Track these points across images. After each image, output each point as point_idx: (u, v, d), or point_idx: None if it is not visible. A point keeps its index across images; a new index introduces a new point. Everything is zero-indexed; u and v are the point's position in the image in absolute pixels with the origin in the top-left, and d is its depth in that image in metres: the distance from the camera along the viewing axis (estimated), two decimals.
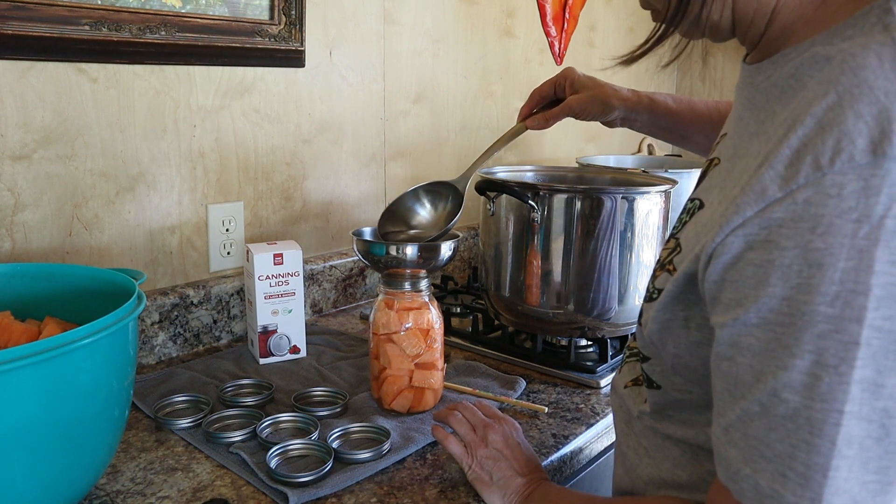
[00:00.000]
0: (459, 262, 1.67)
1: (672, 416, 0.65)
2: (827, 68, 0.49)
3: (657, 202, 1.11)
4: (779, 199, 0.47)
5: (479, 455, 0.80)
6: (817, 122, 0.46)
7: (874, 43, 0.47)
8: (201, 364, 1.11)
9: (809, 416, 0.46)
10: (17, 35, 0.93)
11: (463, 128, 1.67)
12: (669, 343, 0.60)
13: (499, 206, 1.15)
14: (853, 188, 0.44)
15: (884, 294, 0.44)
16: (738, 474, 0.49)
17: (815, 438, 0.46)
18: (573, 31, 1.95)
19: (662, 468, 0.65)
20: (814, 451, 0.46)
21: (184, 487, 0.79)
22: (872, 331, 0.44)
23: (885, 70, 0.46)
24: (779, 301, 0.46)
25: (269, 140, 1.26)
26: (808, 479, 0.46)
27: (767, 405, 0.47)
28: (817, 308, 0.45)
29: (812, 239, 0.45)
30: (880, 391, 0.44)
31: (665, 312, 0.59)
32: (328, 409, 0.95)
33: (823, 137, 0.46)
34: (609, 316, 1.11)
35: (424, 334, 0.96)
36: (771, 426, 0.47)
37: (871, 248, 0.44)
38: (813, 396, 0.45)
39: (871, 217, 0.44)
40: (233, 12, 1.15)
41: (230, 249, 1.23)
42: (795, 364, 0.46)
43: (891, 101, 0.45)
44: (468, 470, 0.80)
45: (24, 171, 0.98)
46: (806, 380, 0.45)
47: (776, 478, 0.47)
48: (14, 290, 0.83)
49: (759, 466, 0.48)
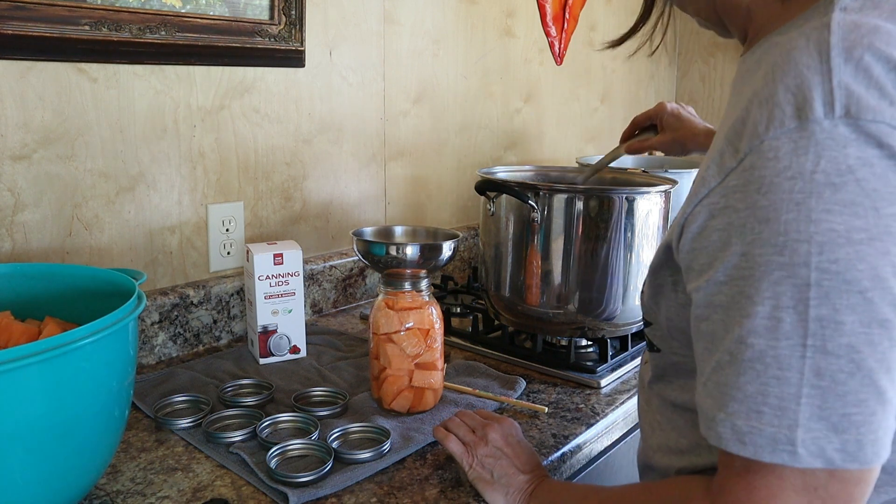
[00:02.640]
0: (459, 262, 1.67)
1: (672, 381, 0.69)
2: (775, 51, 0.55)
3: (657, 202, 1.11)
4: (734, 168, 0.53)
5: (479, 454, 0.81)
6: (756, 96, 0.53)
7: (808, 28, 0.54)
8: (201, 364, 1.11)
9: (776, 355, 0.50)
10: (17, 35, 0.93)
11: (463, 128, 1.67)
12: (662, 306, 0.65)
13: (499, 206, 1.15)
14: (786, 150, 0.50)
15: (825, 240, 0.49)
16: (714, 420, 0.53)
17: (783, 373, 0.50)
18: (573, 31, 1.95)
19: (669, 437, 0.70)
20: (784, 383, 0.50)
21: (184, 487, 0.79)
22: (820, 273, 0.49)
23: (809, 48, 0.52)
24: (738, 257, 0.52)
25: (269, 140, 1.26)
26: (783, 409, 0.50)
27: (735, 352, 0.52)
28: (770, 258, 0.50)
29: (758, 198, 0.51)
30: (841, 328, 0.49)
31: (656, 277, 0.65)
32: (328, 409, 0.95)
33: (760, 109, 0.52)
34: (609, 316, 1.11)
35: (424, 334, 0.96)
36: (739, 371, 0.52)
37: (806, 200, 0.49)
38: (777, 336, 0.50)
39: (804, 173, 0.49)
40: (233, 12, 1.15)
41: (230, 249, 1.23)
42: (757, 311, 0.51)
43: (811, 73, 0.51)
44: (469, 469, 0.80)
45: (24, 171, 0.98)
46: (768, 323, 0.50)
47: (751, 415, 0.51)
48: (14, 290, 0.83)
49: (732, 409, 0.52)
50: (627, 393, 1.06)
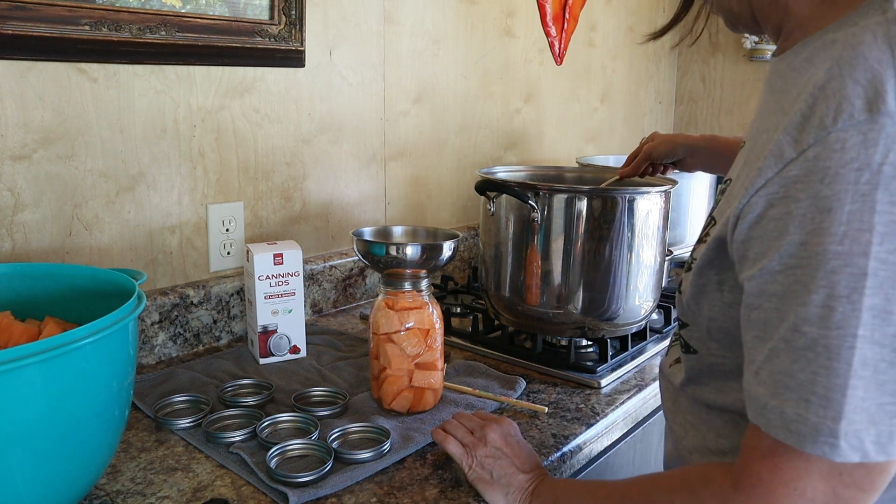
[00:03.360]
0: (459, 262, 1.67)
1: (707, 383, 0.69)
2: (832, 47, 0.56)
3: (657, 202, 1.11)
4: (794, 158, 0.53)
5: (478, 454, 0.80)
6: (821, 90, 0.53)
7: (871, 23, 0.55)
8: (201, 364, 1.11)
9: (826, 344, 0.51)
10: (17, 35, 0.93)
11: (463, 128, 1.67)
12: (705, 306, 0.65)
13: (499, 206, 1.15)
14: (854, 142, 0.51)
15: (887, 231, 0.50)
16: (766, 408, 0.54)
17: (832, 362, 0.50)
18: (573, 31, 1.95)
19: (707, 438, 0.69)
20: (832, 374, 0.50)
21: (184, 487, 0.79)
22: (878, 263, 0.50)
23: (878, 43, 0.54)
24: (796, 246, 0.52)
25: (269, 140, 1.26)
26: (829, 399, 0.51)
27: (789, 339, 0.53)
28: (828, 247, 0.51)
29: (821, 188, 0.51)
30: (890, 318, 0.50)
31: (700, 277, 0.65)
32: (328, 409, 0.95)
33: (827, 102, 0.53)
34: (609, 316, 1.11)
35: (424, 334, 0.96)
36: (793, 358, 0.52)
37: (872, 192, 0.50)
38: (829, 325, 0.51)
39: (871, 165, 0.50)
40: (233, 12, 1.15)
41: (230, 249, 1.23)
42: (812, 299, 0.51)
43: (883, 67, 0.52)
44: (468, 470, 0.80)
45: (24, 171, 0.98)
46: (821, 312, 0.51)
47: (800, 403, 0.52)
48: (14, 290, 0.83)
49: (785, 397, 0.53)
50: (627, 393, 1.06)
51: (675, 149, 1.16)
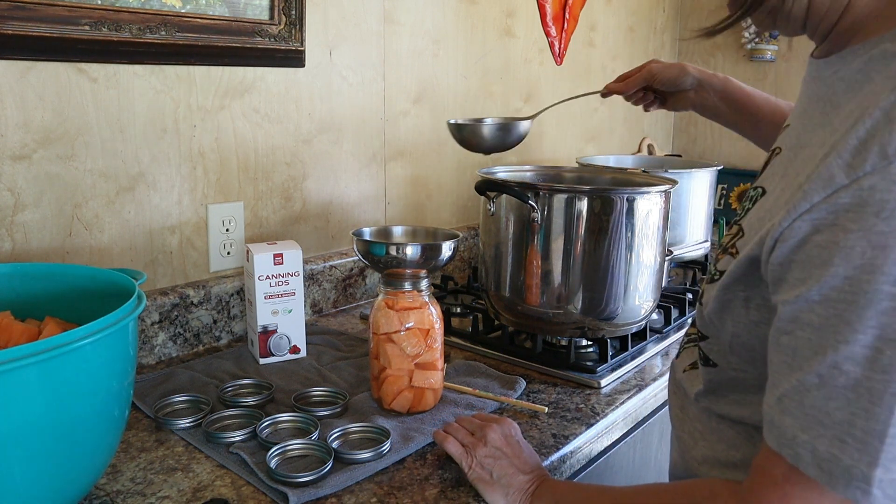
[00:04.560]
0: (459, 262, 1.67)
1: (726, 395, 0.67)
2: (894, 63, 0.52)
3: (657, 202, 1.11)
4: (845, 185, 0.49)
5: (478, 454, 0.80)
6: (885, 115, 0.49)
7: None
8: (201, 364, 1.11)
9: (870, 387, 0.48)
10: (17, 35, 0.93)
11: None
12: (728, 322, 0.63)
13: (499, 206, 1.15)
14: None
15: None
16: (795, 440, 0.52)
17: (874, 407, 0.48)
18: (573, 31, 1.95)
19: (717, 449, 0.68)
20: (872, 419, 0.48)
21: (184, 487, 0.79)
22: None
23: None
24: (841, 280, 0.49)
25: (269, 140, 1.26)
26: (866, 444, 0.48)
27: (827, 377, 0.50)
28: (881, 287, 0.48)
29: (876, 223, 0.48)
30: None
31: (726, 293, 0.62)
32: (328, 409, 0.95)
33: (891, 129, 0.49)
34: (609, 316, 1.11)
35: (424, 334, 0.96)
36: (830, 396, 0.50)
37: None
38: (875, 368, 0.48)
39: None
40: (233, 12, 1.15)
41: (230, 249, 1.23)
42: (857, 339, 0.48)
43: None
44: (468, 470, 0.80)
45: (24, 171, 0.98)
46: (868, 353, 0.48)
47: (834, 443, 0.49)
48: (14, 290, 0.83)
49: (817, 433, 0.50)
50: (627, 393, 1.06)
51: (683, 77, 1.05)
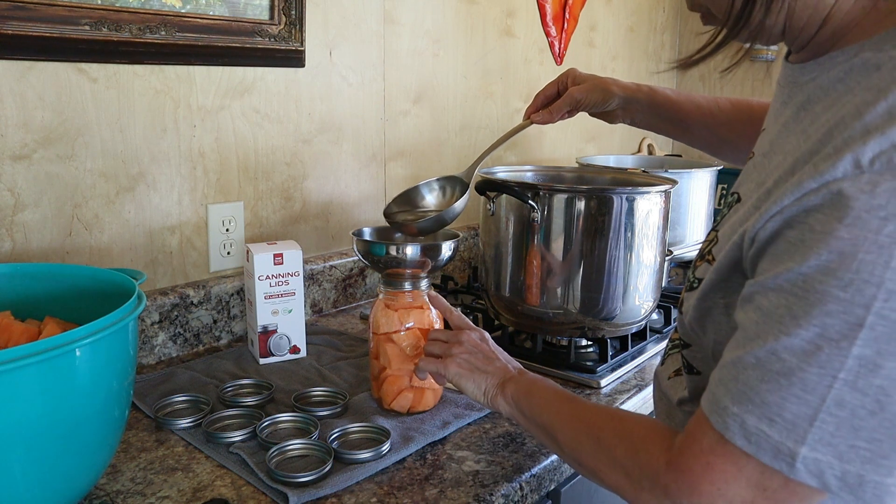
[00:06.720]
0: (459, 262, 1.67)
1: None
2: (876, 75, 0.52)
3: (657, 202, 1.11)
4: (814, 188, 0.50)
5: (454, 352, 0.84)
6: (864, 126, 0.49)
7: None
8: (201, 364, 1.11)
9: (803, 378, 0.50)
10: (17, 35, 0.93)
11: (463, 128, 1.67)
12: (710, 330, 0.63)
13: (499, 206, 1.15)
14: (886, 188, 0.47)
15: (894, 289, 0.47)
16: (726, 411, 0.53)
17: (806, 395, 0.49)
18: (573, 31, 1.95)
19: None
20: (803, 404, 0.50)
21: (184, 487, 0.79)
22: (878, 317, 0.47)
23: None
24: (796, 275, 0.50)
25: (269, 140, 1.26)
26: (795, 425, 0.50)
27: (764, 360, 0.51)
28: (830, 289, 0.48)
29: (838, 228, 0.48)
30: (878, 370, 0.48)
31: (705, 300, 0.63)
32: (328, 409, 0.95)
33: (866, 140, 0.49)
34: (609, 316, 1.11)
35: (424, 334, 0.96)
36: (763, 378, 0.51)
37: (891, 246, 0.47)
38: (810, 362, 0.49)
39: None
40: (233, 12, 1.15)
41: (230, 249, 1.23)
42: (799, 333, 0.50)
43: None
44: (446, 372, 0.83)
45: (24, 171, 0.98)
46: (807, 347, 0.49)
47: (763, 420, 0.51)
48: (14, 290, 0.83)
49: (747, 409, 0.52)
50: (627, 393, 1.06)
51: (608, 99, 1.02)
